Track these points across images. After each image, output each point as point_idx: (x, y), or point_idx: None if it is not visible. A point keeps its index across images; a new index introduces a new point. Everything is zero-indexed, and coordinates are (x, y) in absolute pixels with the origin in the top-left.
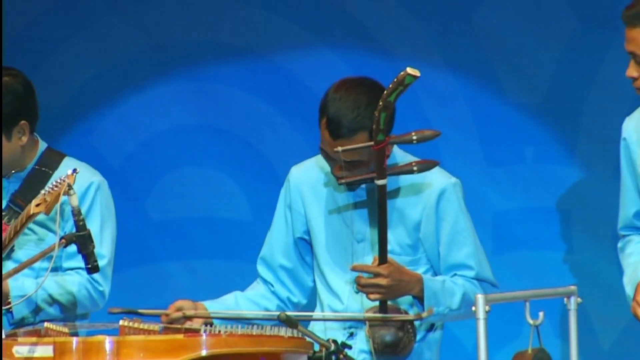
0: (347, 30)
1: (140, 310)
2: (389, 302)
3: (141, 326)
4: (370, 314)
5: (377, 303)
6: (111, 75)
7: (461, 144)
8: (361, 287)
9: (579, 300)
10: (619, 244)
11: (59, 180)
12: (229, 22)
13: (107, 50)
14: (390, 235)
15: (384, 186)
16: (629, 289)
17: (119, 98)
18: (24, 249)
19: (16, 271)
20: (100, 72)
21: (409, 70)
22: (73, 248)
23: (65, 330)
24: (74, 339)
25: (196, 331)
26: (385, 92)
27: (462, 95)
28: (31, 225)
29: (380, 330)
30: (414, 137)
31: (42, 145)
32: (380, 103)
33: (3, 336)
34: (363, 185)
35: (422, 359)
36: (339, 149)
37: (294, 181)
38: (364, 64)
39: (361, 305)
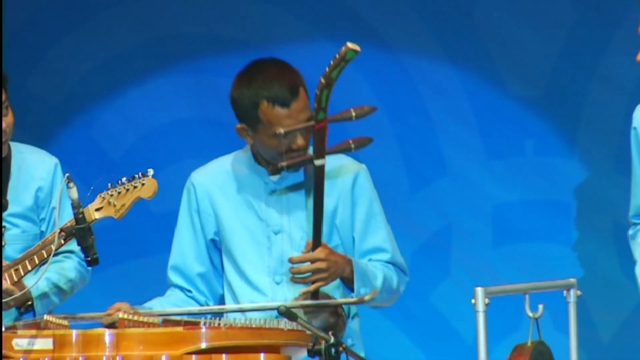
0: (347, 23)
1: (79, 315)
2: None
3: (141, 319)
4: (322, 301)
5: (305, 289)
6: (111, 68)
7: (461, 137)
8: (301, 278)
9: (579, 292)
10: (630, 232)
11: (122, 182)
12: (228, 15)
13: (107, 43)
14: (307, 224)
15: (322, 167)
16: None
17: (119, 91)
18: (11, 244)
19: (16, 264)
20: (100, 65)
21: (350, 45)
22: (60, 218)
23: (65, 322)
24: (74, 332)
25: (195, 324)
26: (327, 69)
27: (462, 88)
28: (13, 219)
29: (316, 317)
30: (353, 114)
31: None
32: (323, 80)
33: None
34: (275, 179)
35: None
36: (281, 130)
37: (199, 185)
38: (364, 57)
39: (284, 296)
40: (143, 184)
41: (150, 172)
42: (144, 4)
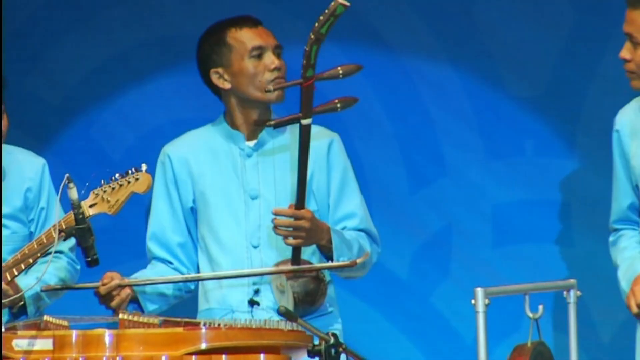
0: (348, 23)
1: (75, 285)
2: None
3: (141, 319)
4: (307, 266)
5: (287, 257)
6: (111, 68)
7: (461, 137)
8: (282, 230)
9: (579, 293)
10: (611, 238)
11: (115, 177)
12: (229, 15)
13: (107, 43)
14: (283, 189)
15: (308, 126)
16: (624, 284)
17: (119, 91)
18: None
19: (16, 264)
20: (100, 65)
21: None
22: (50, 219)
23: (65, 323)
24: (74, 332)
25: (196, 325)
26: (316, 24)
27: (462, 89)
28: (2, 220)
29: (297, 280)
30: (340, 72)
31: None
32: (312, 36)
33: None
34: (250, 144)
35: (327, 312)
36: (271, 87)
37: (174, 156)
38: (365, 57)
39: (261, 261)
40: (137, 179)
41: (144, 167)
42: (144, 5)
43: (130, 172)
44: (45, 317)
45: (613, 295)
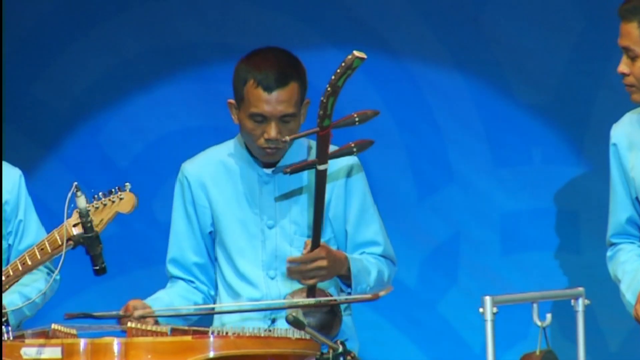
0: (354, 31)
1: (95, 314)
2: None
3: (149, 328)
4: (328, 297)
5: (302, 285)
6: (118, 75)
7: (469, 145)
8: (300, 275)
9: (587, 301)
10: (609, 253)
11: (98, 196)
12: (236, 23)
13: (114, 50)
14: (300, 218)
15: (324, 171)
16: (629, 296)
17: (125, 99)
18: None
19: (22, 273)
20: (107, 72)
21: (356, 53)
22: (28, 230)
23: (73, 331)
24: (82, 341)
25: (204, 333)
26: (333, 77)
27: (470, 96)
28: None
29: (313, 314)
30: (357, 119)
31: None
32: (329, 88)
33: (4, 338)
34: (268, 171)
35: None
36: (287, 138)
37: (192, 177)
38: (371, 64)
39: (279, 290)
40: (121, 199)
41: (128, 186)
42: (150, 12)
43: (114, 191)
44: (54, 326)
45: (621, 304)
